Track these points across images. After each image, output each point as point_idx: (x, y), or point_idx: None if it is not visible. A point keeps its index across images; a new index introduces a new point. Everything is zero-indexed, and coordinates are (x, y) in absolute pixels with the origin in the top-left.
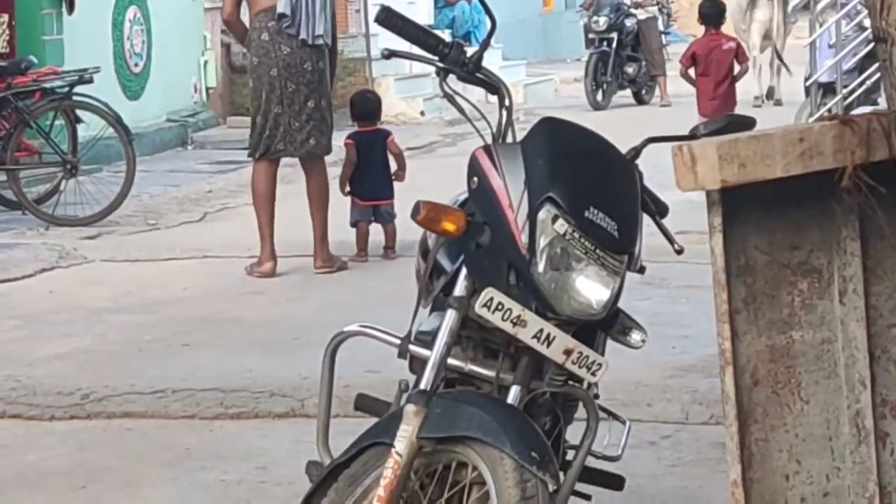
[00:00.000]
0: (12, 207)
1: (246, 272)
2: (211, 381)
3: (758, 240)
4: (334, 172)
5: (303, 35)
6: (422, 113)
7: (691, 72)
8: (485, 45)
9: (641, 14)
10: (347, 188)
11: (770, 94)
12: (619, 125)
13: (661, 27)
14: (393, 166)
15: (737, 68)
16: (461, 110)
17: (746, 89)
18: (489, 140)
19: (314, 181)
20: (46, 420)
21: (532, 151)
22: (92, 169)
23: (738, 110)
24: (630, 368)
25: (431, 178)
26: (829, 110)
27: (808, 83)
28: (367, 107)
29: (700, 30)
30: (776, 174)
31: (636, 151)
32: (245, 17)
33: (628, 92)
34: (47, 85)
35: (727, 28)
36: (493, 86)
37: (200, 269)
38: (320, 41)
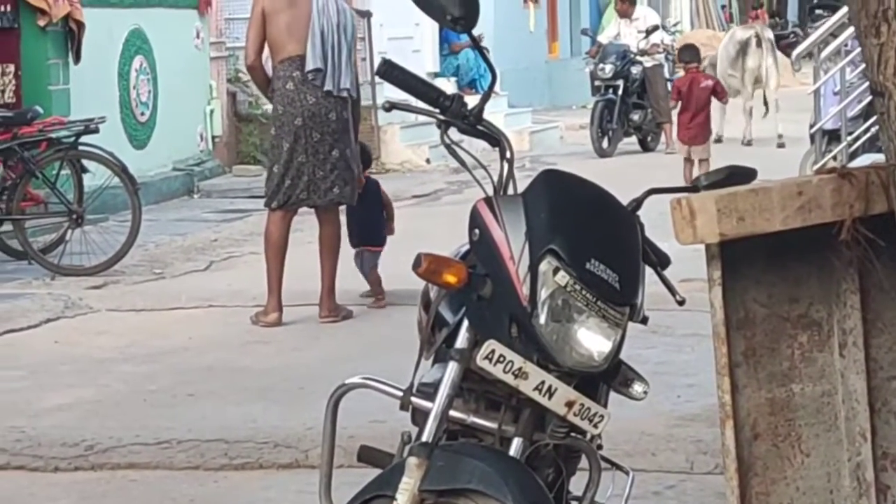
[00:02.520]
0: (18, 257)
1: (251, 321)
2: (216, 431)
3: (757, 293)
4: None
5: (328, 87)
6: (427, 161)
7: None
8: (485, 97)
9: (648, 61)
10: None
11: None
12: (625, 172)
13: (667, 74)
14: None
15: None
16: (462, 162)
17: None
18: (490, 191)
19: (327, 229)
20: (50, 471)
21: (533, 203)
22: (98, 218)
23: (733, 154)
24: (634, 418)
25: (437, 226)
26: (835, 157)
27: (812, 130)
28: (361, 156)
29: None
30: (775, 227)
31: (637, 203)
32: (267, 64)
33: (634, 139)
34: (53, 135)
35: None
36: (494, 138)
37: (206, 318)
38: (345, 94)
